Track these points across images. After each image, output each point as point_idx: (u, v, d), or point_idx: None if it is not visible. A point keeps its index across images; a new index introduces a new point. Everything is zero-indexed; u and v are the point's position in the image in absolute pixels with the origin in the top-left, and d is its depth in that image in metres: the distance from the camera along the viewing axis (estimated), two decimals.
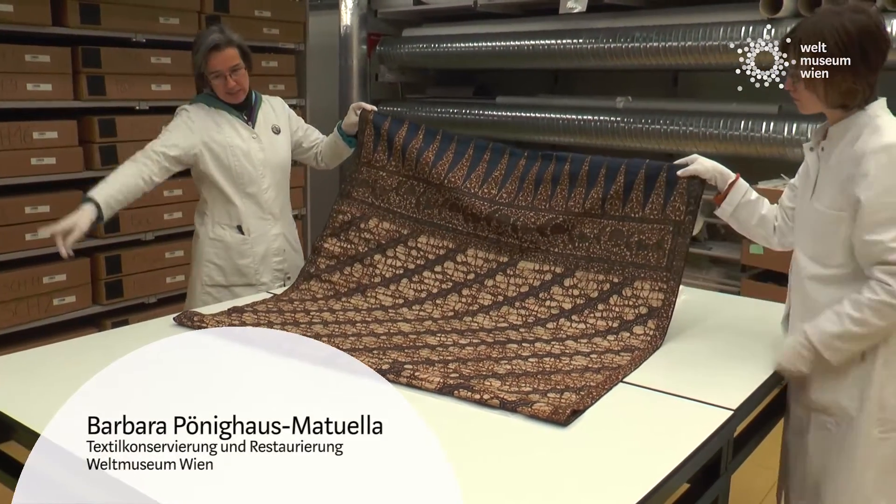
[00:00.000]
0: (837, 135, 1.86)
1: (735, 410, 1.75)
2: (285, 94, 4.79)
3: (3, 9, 3.53)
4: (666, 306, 2.18)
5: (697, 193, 2.22)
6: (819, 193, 1.90)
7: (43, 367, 1.99)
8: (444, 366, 1.94)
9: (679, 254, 2.21)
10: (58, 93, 3.78)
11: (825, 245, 1.88)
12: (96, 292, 4.06)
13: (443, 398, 1.77)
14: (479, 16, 5.61)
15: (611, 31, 4.68)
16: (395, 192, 2.65)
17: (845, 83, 1.78)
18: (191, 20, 4.30)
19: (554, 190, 2.42)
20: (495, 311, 2.34)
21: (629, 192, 2.30)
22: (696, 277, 4.54)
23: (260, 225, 2.81)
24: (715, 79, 5.02)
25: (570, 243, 2.36)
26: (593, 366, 1.98)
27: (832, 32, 1.76)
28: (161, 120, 4.13)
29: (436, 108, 5.86)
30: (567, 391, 1.79)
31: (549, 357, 2.03)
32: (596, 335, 2.18)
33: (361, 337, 2.14)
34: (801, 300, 1.97)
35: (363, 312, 2.37)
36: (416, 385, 1.81)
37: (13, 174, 3.65)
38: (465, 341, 2.14)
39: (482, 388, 1.77)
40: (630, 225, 2.29)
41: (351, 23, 5.71)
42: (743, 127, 4.21)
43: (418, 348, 2.07)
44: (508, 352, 2.07)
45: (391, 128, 2.69)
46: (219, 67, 2.65)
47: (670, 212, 2.24)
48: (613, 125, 4.78)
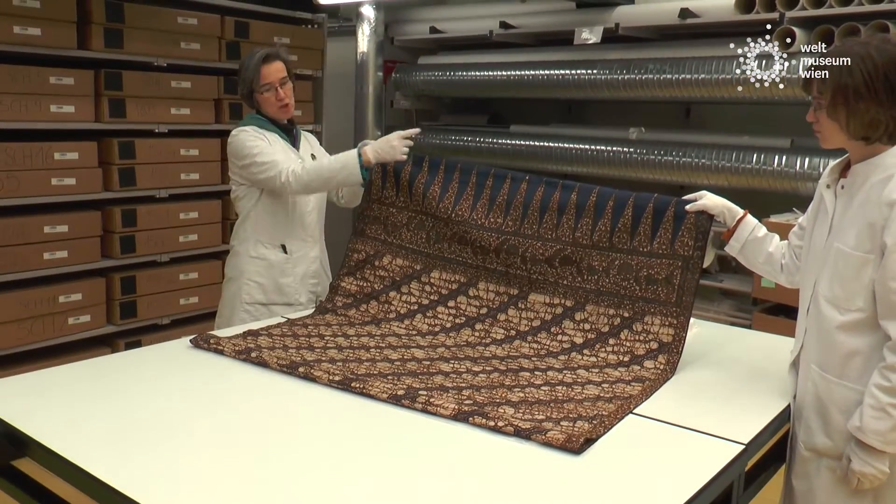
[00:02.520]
0: (863, 174, 1.84)
1: (746, 445, 1.75)
2: (302, 119, 4.86)
3: (32, 32, 3.61)
4: (676, 342, 2.20)
5: (705, 228, 2.24)
6: (840, 233, 1.88)
7: (58, 386, 2.02)
8: (458, 392, 1.95)
9: (688, 289, 2.23)
10: (80, 114, 3.85)
11: (846, 287, 1.85)
12: (110, 312, 4.09)
13: (457, 424, 1.78)
14: (494, 45, 5.66)
15: (625, 63, 4.72)
16: (405, 227, 2.70)
17: (869, 114, 1.78)
18: (211, 45, 4.37)
19: (560, 219, 2.44)
20: (508, 344, 2.36)
21: (637, 225, 2.32)
22: (707, 310, 4.54)
23: (301, 246, 2.89)
24: (727, 111, 5.05)
25: (579, 276, 2.39)
26: (605, 395, 1.99)
27: (858, 62, 1.76)
28: (179, 144, 4.23)
29: (450, 136, 5.90)
30: (580, 420, 1.80)
31: (562, 386, 2.05)
32: (607, 366, 2.20)
33: (376, 362, 2.17)
34: (815, 343, 1.94)
35: (377, 338, 2.39)
36: (431, 411, 1.82)
37: (34, 194, 3.70)
38: (478, 368, 2.15)
39: (496, 416, 1.78)
40: (639, 259, 2.31)
41: (368, 50, 5.77)
42: (755, 160, 4.22)
43: (432, 375, 2.08)
44: (521, 380, 2.08)
45: (397, 164, 2.73)
46: (270, 79, 2.74)
47: (679, 246, 2.26)
48: (626, 156, 4.80)
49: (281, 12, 4.84)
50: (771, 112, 4.77)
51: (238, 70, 2.82)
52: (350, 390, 1.95)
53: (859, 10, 3.76)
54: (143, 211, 4.13)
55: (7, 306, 3.65)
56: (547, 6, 5.20)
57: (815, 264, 1.96)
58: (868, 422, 1.78)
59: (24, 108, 3.63)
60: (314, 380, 2.02)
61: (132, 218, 4.09)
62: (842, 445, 1.88)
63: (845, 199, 1.89)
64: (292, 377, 2.06)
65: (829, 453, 1.92)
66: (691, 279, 2.23)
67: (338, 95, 5.84)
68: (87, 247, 3.94)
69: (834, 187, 1.94)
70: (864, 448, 1.81)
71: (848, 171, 1.91)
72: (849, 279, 1.84)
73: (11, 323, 3.67)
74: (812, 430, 1.95)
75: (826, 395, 1.91)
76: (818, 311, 1.92)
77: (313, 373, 2.03)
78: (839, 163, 1.96)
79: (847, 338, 1.85)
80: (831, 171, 1.96)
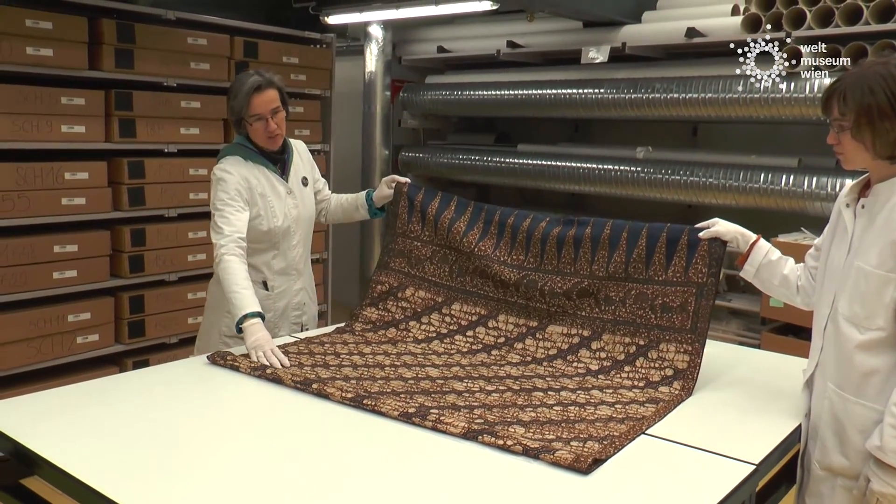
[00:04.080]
0: (885, 193, 1.84)
1: (757, 465, 1.74)
2: (310, 139, 4.89)
3: (44, 52, 3.65)
4: (692, 368, 2.20)
5: (719, 255, 2.25)
6: (860, 252, 1.87)
7: (67, 404, 2.02)
8: (469, 411, 1.96)
9: (703, 316, 2.24)
10: (90, 134, 3.88)
11: (867, 306, 1.84)
12: (119, 331, 4.10)
13: (467, 443, 1.78)
14: (501, 64, 5.70)
15: (632, 82, 4.74)
16: (429, 261, 2.74)
17: (894, 132, 1.78)
18: (221, 66, 4.41)
19: (577, 253, 2.48)
20: (523, 367, 2.37)
21: (651, 255, 2.35)
22: (716, 329, 4.53)
23: (284, 280, 2.81)
24: (734, 130, 5.07)
25: (597, 307, 2.41)
26: (617, 416, 1.98)
27: (879, 81, 1.76)
28: (189, 163, 4.25)
29: (457, 155, 5.92)
30: (590, 440, 1.80)
31: (574, 406, 2.05)
32: (622, 388, 2.21)
33: (390, 381, 2.18)
34: (832, 362, 1.93)
35: (392, 357, 2.41)
36: (441, 429, 1.83)
37: (44, 213, 3.72)
38: (491, 388, 2.16)
39: (506, 435, 1.79)
40: (654, 288, 2.33)
41: (376, 69, 5.82)
42: (763, 179, 4.22)
43: (445, 393, 2.09)
44: (534, 399, 2.08)
45: (424, 199, 2.78)
46: (260, 110, 2.61)
47: (693, 273, 2.28)
48: (633, 175, 4.81)
49: (290, 32, 4.88)
50: (778, 131, 4.78)
51: (228, 94, 2.69)
52: (362, 408, 1.96)
53: (866, 30, 3.77)
54: (151, 230, 4.15)
55: (16, 325, 3.66)
56: (554, 25, 5.23)
57: (832, 283, 1.95)
58: (888, 441, 1.76)
59: (36, 128, 3.67)
60: (327, 396, 2.02)
61: (141, 237, 4.11)
62: (859, 465, 1.87)
63: (866, 219, 1.89)
64: (306, 394, 2.06)
65: (846, 473, 1.91)
66: (706, 305, 2.24)
67: (346, 115, 5.88)
68: (96, 266, 3.96)
69: (853, 206, 1.94)
70: (884, 468, 1.79)
71: (868, 190, 1.91)
72: (870, 298, 1.83)
73: (20, 342, 3.68)
74: (828, 449, 1.94)
75: (843, 413, 1.90)
76: (837, 329, 1.91)
77: (326, 390, 2.03)
78: (858, 182, 1.96)
79: (866, 357, 1.85)
80: (850, 191, 1.96)
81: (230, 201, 2.58)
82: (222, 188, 2.60)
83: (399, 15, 4.89)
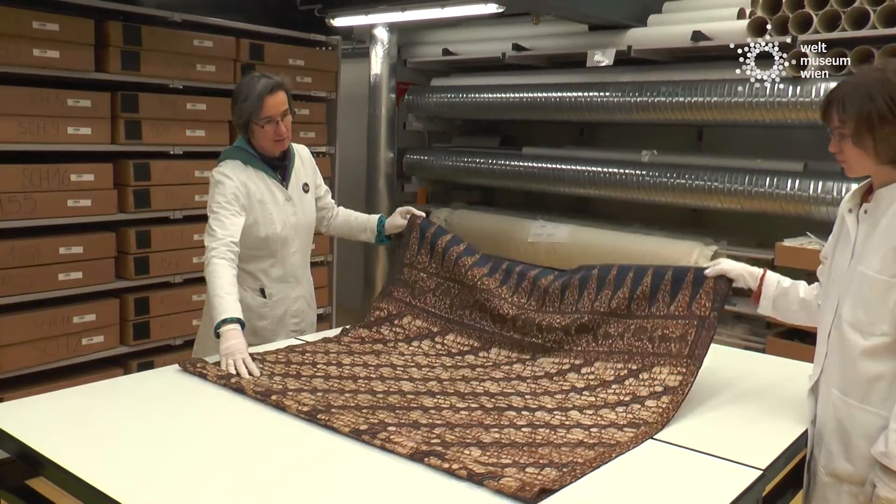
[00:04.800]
0: (888, 198, 1.84)
1: (764, 470, 1.74)
2: (315, 141, 4.89)
3: (51, 54, 3.66)
4: (683, 385, 2.11)
5: (724, 291, 2.22)
6: (863, 257, 1.87)
7: (72, 406, 2.03)
8: (429, 430, 1.88)
9: (702, 344, 2.16)
10: (96, 136, 3.88)
11: (870, 312, 1.84)
12: (124, 333, 4.10)
13: (414, 464, 1.70)
14: (506, 67, 5.70)
15: (637, 85, 4.73)
16: (432, 292, 2.72)
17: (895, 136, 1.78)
18: (226, 68, 4.42)
19: (581, 293, 2.45)
20: (505, 382, 2.29)
21: (656, 292, 2.31)
22: (721, 334, 4.51)
23: (282, 288, 2.79)
24: (740, 134, 5.06)
25: (594, 341, 2.36)
26: (589, 441, 1.88)
27: (878, 87, 1.77)
28: (194, 165, 4.26)
29: (462, 158, 5.92)
30: (549, 466, 1.70)
31: (545, 428, 1.95)
32: (605, 406, 2.10)
33: (358, 394, 2.12)
34: (837, 368, 1.93)
35: (370, 368, 2.35)
36: (388, 448, 1.75)
37: (50, 215, 3.73)
38: (462, 405, 2.09)
39: (454, 458, 1.70)
40: (655, 321, 2.28)
41: (381, 72, 5.81)
42: (768, 183, 4.21)
43: (411, 409, 2.02)
44: (503, 419, 2.00)
45: (436, 233, 2.79)
46: (272, 112, 2.58)
47: (696, 308, 2.23)
48: (638, 178, 4.81)
49: (295, 35, 4.89)
50: (784, 135, 4.77)
51: (234, 97, 2.65)
52: (316, 422, 1.89)
53: (872, 34, 3.76)
54: (157, 232, 4.16)
55: (22, 327, 3.67)
56: (559, 29, 5.23)
57: (837, 289, 1.95)
58: (893, 447, 1.76)
59: (42, 130, 3.67)
60: (284, 409, 1.97)
61: (146, 239, 4.11)
62: (864, 471, 1.87)
63: (869, 224, 1.89)
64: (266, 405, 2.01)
65: (851, 479, 1.90)
66: (706, 336, 2.17)
67: (351, 117, 5.88)
68: (101, 268, 3.96)
69: (856, 212, 1.93)
70: (890, 473, 1.78)
71: (870, 195, 1.91)
72: (873, 304, 1.83)
73: (26, 343, 3.69)
74: (833, 455, 1.93)
75: (848, 419, 1.89)
76: (841, 335, 1.91)
77: (284, 402, 1.98)
78: (861, 187, 1.96)
79: (870, 363, 1.84)
80: (853, 196, 1.96)
81: (226, 205, 2.56)
82: (220, 191, 2.58)
83: (404, 17, 4.89)
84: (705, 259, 4.38)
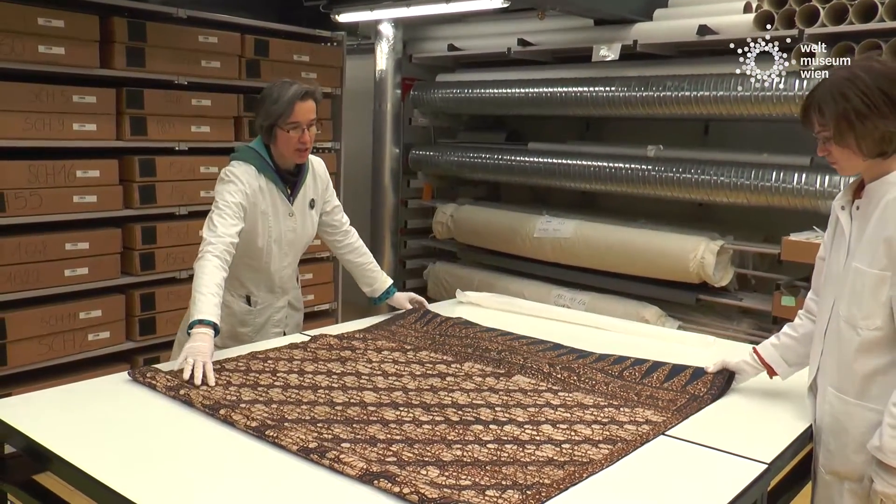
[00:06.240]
0: (878, 193, 1.84)
1: (769, 464, 1.74)
2: (321, 137, 4.89)
3: (56, 51, 3.66)
4: (666, 420, 2.00)
5: (722, 382, 2.21)
6: (857, 253, 1.86)
7: (79, 401, 2.04)
8: (386, 446, 1.76)
9: (689, 407, 2.09)
10: (102, 133, 3.89)
11: (864, 306, 1.83)
12: (130, 328, 4.11)
13: (363, 486, 1.58)
14: (512, 62, 5.69)
15: (643, 80, 4.72)
16: (413, 336, 2.71)
17: (878, 130, 1.78)
18: (231, 64, 4.41)
19: (574, 359, 2.46)
20: (476, 393, 2.16)
21: (651, 372, 2.31)
22: (727, 328, 4.51)
23: (268, 298, 2.78)
24: (746, 128, 5.04)
25: (579, 381, 2.27)
26: (559, 458, 1.74)
27: (849, 85, 1.77)
28: (199, 161, 4.26)
29: (468, 153, 5.92)
30: (512, 488, 1.57)
31: (513, 444, 1.81)
32: (580, 423, 1.96)
33: (315, 406, 2.00)
34: (833, 365, 1.92)
35: (334, 377, 2.24)
36: (337, 469, 1.62)
37: (56, 211, 3.74)
38: (426, 418, 1.96)
39: (405, 480, 1.56)
40: (644, 387, 2.23)
41: (386, 67, 5.82)
42: (774, 178, 4.20)
43: (370, 423, 1.91)
44: (468, 434, 1.86)
45: (434, 316, 2.89)
46: (300, 118, 2.53)
47: (690, 388, 2.21)
48: (644, 173, 4.80)
49: (300, 30, 4.88)
50: (790, 129, 4.75)
51: (262, 98, 2.59)
52: (264, 438, 1.78)
53: (880, 27, 3.75)
54: (162, 228, 4.16)
55: (28, 322, 3.68)
56: (565, 24, 5.22)
57: (833, 287, 1.95)
58: (887, 441, 1.76)
59: (48, 126, 3.68)
60: (233, 424, 1.85)
61: (152, 235, 4.12)
62: (862, 468, 1.86)
63: (861, 220, 1.88)
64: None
65: (850, 476, 1.90)
66: (695, 406, 2.11)
67: (356, 113, 5.88)
68: (107, 264, 3.97)
69: (849, 209, 1.93)
70: (886, 468, 1.78)
71: (862, 191, 1.90)
72: (866, 298, 1.83)
73: (32, 339, 3.69)
74: (831, 454, 1.93)
75: (844, 417, 1.89)
76: (837, 333, 1.90)
77: (232, 416, 1.86)
78: (852, 184, 1.96)
79: (866, 358, 1.84)
80: (845, 193, 1.96)
81: (234, 205, 2.53)
82: (230, 190, 2.55)
83: (410, 13, 4.89)
84: (711, 254, 4.36)
